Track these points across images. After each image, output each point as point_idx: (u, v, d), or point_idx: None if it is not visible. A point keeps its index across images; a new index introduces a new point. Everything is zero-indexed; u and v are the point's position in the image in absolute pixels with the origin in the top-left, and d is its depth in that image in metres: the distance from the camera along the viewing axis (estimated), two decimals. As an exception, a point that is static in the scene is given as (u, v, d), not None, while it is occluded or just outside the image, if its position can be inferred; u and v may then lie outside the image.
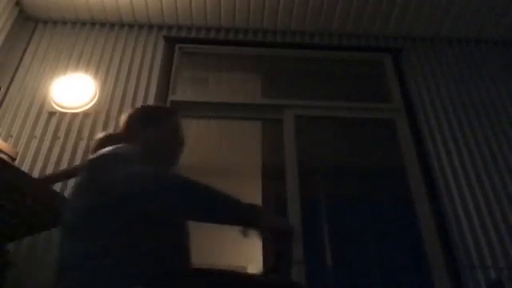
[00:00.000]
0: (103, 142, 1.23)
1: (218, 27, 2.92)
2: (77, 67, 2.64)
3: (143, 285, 0.89)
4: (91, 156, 1.12)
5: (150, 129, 1.28)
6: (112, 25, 2.87)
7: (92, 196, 1.02)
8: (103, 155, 1.08)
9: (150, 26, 2.89)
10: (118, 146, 1.12)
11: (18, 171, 1.56)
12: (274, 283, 1.07)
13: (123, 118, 1.34)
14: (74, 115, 2.44)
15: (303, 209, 2.17)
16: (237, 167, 3.48)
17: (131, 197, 0.95)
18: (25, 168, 2.19)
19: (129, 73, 2.64)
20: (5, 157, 1.94)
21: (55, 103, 2.44)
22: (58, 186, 2.11)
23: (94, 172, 1.06)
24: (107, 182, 0.99)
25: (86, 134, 2.37)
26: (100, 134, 1.35)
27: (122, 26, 2.88)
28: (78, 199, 1.05)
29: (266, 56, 2.93)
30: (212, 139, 3.18)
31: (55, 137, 2.35)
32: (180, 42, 2.84)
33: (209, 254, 2.09)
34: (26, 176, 1.58)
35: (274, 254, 1.08)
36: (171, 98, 2.57)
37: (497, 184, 2.36)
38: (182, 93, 2.67)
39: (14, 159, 2.09)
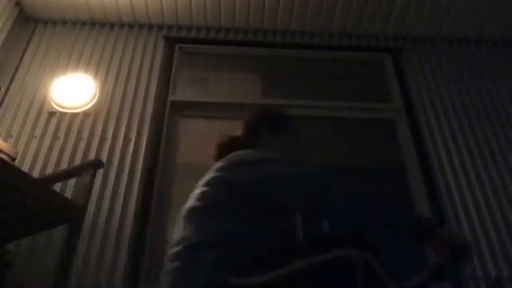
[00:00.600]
0: (226, 146, 1.28)
1: (218, 27, 2.92)
2: (77, 67, 2.64)
3: (235, 275, 0.90)
4: (225, 158, 1.16)
5: (270, 134, 1.34)
6: (112, 25, 2.87)
7: (228, 191, 1.06)
8: (245, 157, 1.13)
9: (150, 26, 2.89)
10: (250, 150, 1.18)
11: (18, 171, 1.56)
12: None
13: (243, 121, 1.40)
14: (74, 115, 2.44)
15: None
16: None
17: (292, 197, 1.02)
18: (25, 168, 2.19)
19: (129, 73, 2.64)
20: (5, 157, 1.94)
21: (55, 103, 2.44)
22: (58, 186, 2.11)
23: (237, 171, 1.09)
24: (249, 180, 1.05)
25: (86, 134, 2.37)
26: (222, 137, 1.37)
27: (121, 26, 2.88)
28: (209, 191, 1.08)
29: (265, 56, 2.93)
30: (212, 139, 3.17)
31: (55, 137, 2.35)
32: (180, 42, 2.84)
33: None
34: (26, 176, 1.58)
35: (437, 269, 1.03)
36: (171, 98, 2.57)
37: (497, 184, 2.36)
38: (182, 93, 2.67)
39: (14, 159, 2.09)
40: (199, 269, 0.93)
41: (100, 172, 2.09)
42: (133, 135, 2.38)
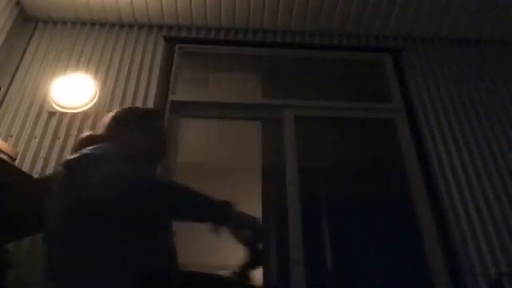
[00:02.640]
0: (84, 143, 1.22)
1: (218, 27, 2.92)
2: (77, 67, 2.64)
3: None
4: (69, 156, 1.12)
5: (128, 130, 1.29)
6: (112, 25, 2.87)
7: (70, 198, 1.02)
8: (81, 155, 1.07)
9: (150, 26, 2.89)
10: (96, 146, 1.12)
11: (18, 171, 1.56)
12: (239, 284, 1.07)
13: (104, 119, 1.35)
14: (74, 115, 2.43)
15: (303, 209, 2.17)
16: (237, 167, 3.48)
17: (104, 197, 0.94)
18: (25, 168, 2.19)
19: (129, 73, 2.64)
20: (5, 157, 1.94)
21: (55, 103, 2.43)
22: (58, 186, 2.11)
23: (70, 173, 1.06)
24: (83, 184, 0.98)
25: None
26: (82, 135, 1.34)
27: (121, 26, 2.88)
28: (57, 200, 1.06)
29: (265, 56, 2.93)
30: (212, 139, 3.18)
31: (55, 137, 2.35)
32: (180, 42, 2.84)
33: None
34: (26, 176, 1.58)
35: (247, 253, 1.07)
36: (171, 97, 2.57)
37: (497, 184, 2.36)
38: (182, 93, 2.67)
39: (14, 159, 2.09)
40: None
41: (100, 172, 2.09)
42: (133, 135, 2.37)
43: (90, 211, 0.98)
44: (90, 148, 1.10)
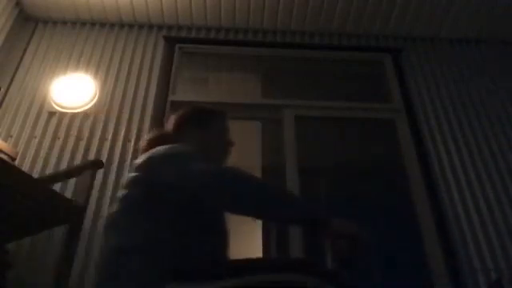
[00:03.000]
0: (154, 142, 1.24)
1: (218, 27, 2.92)
2: (77, 67, 2.64)
3: (175, 281, 0.89)
4: (145, 154, 1.13)
5: (199, 130, 1.31)
6: (112, 25, 2.87)
7: (141, 193, 1.04)
8: (158, 153, 1.09)
9: (150, 26, 2.89)
10: (171, 145, 1.13)
11: (18, 171, 1.56)
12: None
13: (173, 118, 1.36)
14: (74, 115, 2.44)
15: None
16: (237, 167, 3.48)
17: (199, 192, 0.98)
18: (25, 168, 2.19)
19: (129, 73, 2.64)
20: (5, 157, 1.94)
21: (55, 103, 2.43)
22: (57, 186, 2.11)
23: (148, 169, 1.07)
24: (162, 180, 1.01)
25: (85, 133, 2.37)
26: (150, 134, 1.35)
27: (121, 26, 2.88)
28: (127, 194, 1.06)
29: (265, 56, 2.93)
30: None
31: (55, 137, 2.35)
32: (180, 42, 2.84)
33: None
34: (26, 176, 1.58)
35: (338, 259, 1.05)
36: (171, 98, 2.57)
37: (497, 184, 2.36)
38: (182, 93, 2.67)
39: (14, 159, 2.09)
40: (125, 274, 0.91)
41: (100, 172, 2.09)
42: (133, 135, 2.38)
43: (159, 204, 1.01)
44: (164, 147, 1.12)
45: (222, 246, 1.12)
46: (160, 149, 1.11)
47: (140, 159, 1.12)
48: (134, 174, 1.08)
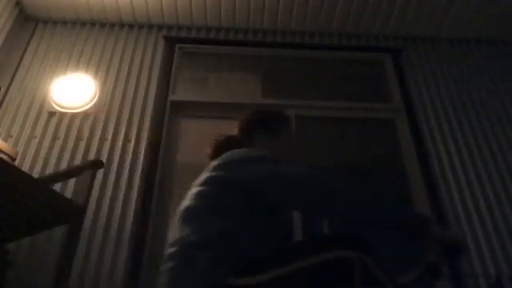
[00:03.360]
0: (223, 145, 1.28)
1: (218, 27, 2.92)
2: (77, 67, 2.64)
3: (232, 275, 0.90)
4: (223, 155, 1.15)
5: (268, 135, 1.33)
6: (112, 25, 2.88)
7: (223, 189, 1.06)
8: (239, 155, 1.13)
9: (150, 26, 2.89)
10: (247, 149, 1.18)
11: (18, 171, 1.56)
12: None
13: (239, 121, 1.40)
14: (74, 115, 2.44)
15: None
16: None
17: (288, 195, 1.02)
18: (25, 168, 2.19)
19: (129, 73, 2.64)
20: (5, 157, 1.94)
21: (55, 103, 2.44)
22: (58, 186, 2.11)
23: (229, 169, 1.09)
24: (245, 179, 1.05)
25: (85, 134, 2.37)
26: (219, 137, 1.38)
27: (121, 26, 2.88)
28: (203, 190, 1.08)
29: (265, 56, 2.93)
30: (212, 139, 3.17)
31: (55, 137, 2.35)
32: (180, 42, 2.84)
33: None
34: (26, 176, 1.58)
35: (434, 266, 1.06)
36: (171, 98, 2.57)
37: (497, 184, 2.36)
38: (182, 93, 2.67)
39: (14, 159, 2.09)
40: (195, 269, 0.93)
41: (100, 172, 2.10)
42: (133, 135, 2.38)
43: (232, 204, 1.04)
44: (241, 150, 1.16)
45: (289, 237, 1.16)
46: (238, 151, 1.15)
47: (215, 162, 1.14)
48: (211, 174, 1.11)
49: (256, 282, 0.87)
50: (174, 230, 1.06)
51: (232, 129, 1.45)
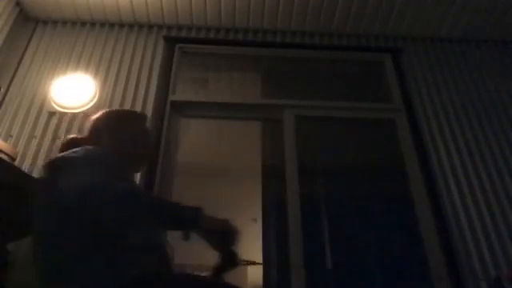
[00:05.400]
0: (68, 145, 1.22)
1: (218, 27, 2.92)
2: (77, 67, 2.64)
3: None
4: (52, 157, 1.11)
5: (115, 133, 1.27)
6: (112, 25, 2.87)
7: (48, 201, 1.02)
8: (58, 158, 1.08)
9: (150, 26, 2.89)
10: (77, 149, 1.10)
11: (18, 171, 1.56)
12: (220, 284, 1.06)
13: (88, 121, 1.34)
14: (74, 115, 2.44)
15: (303, 209, 2.17)
16: (237, 167, 3.48)
17: (79, 205, 0.94)
18: (25, 168, 2.19)
19: (129, 73, 2.64)
20: (5, 157, 1.94)
21: (55, 103, 2.44)
22: (57, 186, 2.11)
23: (49, 175, 1.06)
24: (59, 189, 0.97)
25: (85, 134, 2.36)
26: (67, 137, 1.33)
27: (121, 26, 2.88)
28: (40, 204, 1.06)
29: (265, 56, 2.93)
30: (212, 139, 3.18)
31: (55, 137, 2.35)
32: (180, 42, 2.84)
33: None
34: (26, 176, 1.58)
35: (220, 255, 1.07)
36: (171, 98, 2.57)
37: (497, 184, 2.36)
38: (182, 93, 2.67)
39: (14, 159, 2.09)
40: None
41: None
42: (133, 135, 2.37)
43: (67, 214, 0.97)
44: (72, 151, 1.09)
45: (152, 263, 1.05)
46: (59, 156, 1.09)
47: (47, 161, 1.10)
48: (40, 181, 1.08)
49: None
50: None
51: (232, 129, 1.44)
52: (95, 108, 2.45)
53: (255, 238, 2.54)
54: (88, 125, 1.32)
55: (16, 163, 2.13)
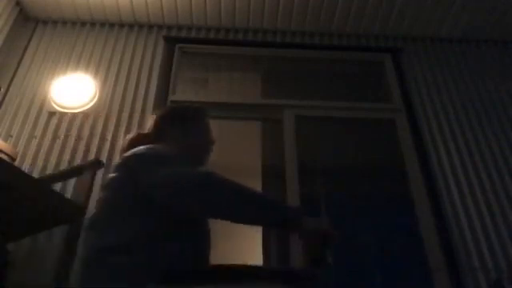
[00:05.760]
0: (134, 142, 1.24)
1: (218, 27, 2.92)
2: (77, 67, 2.64)
3: (155, 283, 0.88)
4: (125, 154, 1.13)
5: (179, 129, 1.29)
6: (112, 25, 2.87)
7: (124, 193, 1.03)
8: (139, 154, 1.09)
9: (150, 26, 2.89)
10: (152, 146, 1.13)
11: (18, 171, 1.56)
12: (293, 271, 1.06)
13: (153, 117, 1.36)
14: (74, 115, 2.44)
15: (303, 208, 2.16)
16: (237, 167, 3.47)
17: (169, 197, 0.97)
18: (25, 168, 2.19)
19: (129, 73, 2.64)
20: (5, 157, 1.94)
21: (55, 103, 2.44)
22: (58, 186, 2.11)
23: (129, 169, 1.06)
24: (144, 181, 1.00)
25: (86, 133, 2.37)
26: (131, 134, 1.35)
27: (121, 26, 2.88)
28: (109, 194, 1.06)
29: (265, 56, 2.93)
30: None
31: (55, 137, 2.35)
32: (180, 42, 2.84)
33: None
34: (25, 176, 1.58)
35: (311, 257, 1.04)
36: (171, 97, 2.57)
37: (497, 184, 2.36)
38: (182, 93, 2.67)
39: (14, 159, 2.09)
40: (107, 274, 0.91)
41: (100, 172, 2.09)
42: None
43: (139, 207, 1.00)
44: (145, 147, 1.11)
45: (204, 246, 1.12)
46: (140, 149, 1.10)
47: (120, 160, 1.12)
48: (113, 175, 1.08)
49: None
50: (84, 237, 1.05)
51: (232, 129, 1.44)
52: (95, 108, 2.45)
53: (255, 238, 2.54)
54: (153, 122, 1.33)
55: (16, 163, 2.13)
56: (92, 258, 0.97)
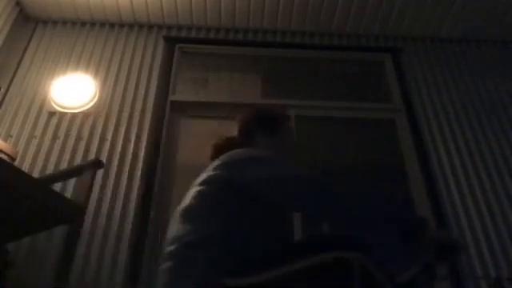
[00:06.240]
0: (223, 147, 1.28)
1: (218, 27, 2.92)
2: (77, 67, 2.64)
3: (228, 275, 0.89)
4: (224, 156, 1.15)
5: (267, 135, 1.32)
6: (112, 25, 2.87)
7: (223, 189, 1.06)
8: (244, 155, 1.13)
9: (150, 26, 2.89)
10: (248, 149, 1.18)
11: (18, 171, 1.56)
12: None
13: (238, 122, 1.39)
14: (74, 115, 2.44)
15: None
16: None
17: (282, 196, 1.02)
18: (25, 168, 2.19)
19: (129, 73, 2.64)
20: (5, 157, 1.94)
21: (55, 103, 2.44)
22: (58, 186, 2.11)
23: (231, 168, 1.09)
24: (248, 178, 1.04)
25: (85, 133, 2.37)
26: (219, 138, 1.38)
27: (121, 26, 2.88)
28: (207, 190, 1.08)
29: (265, 56, 2.93)
30: (212, 139, 3.17)
31: (55, 137, 2.35)
32: (180, 42, 2.84)
33: None
34: (26, 176, 1.58)
35: (431, 266, 1.05)
36: (171, 98, 2.57)
37: (497, 184, 2.36)
38: (182, 93, 2.67)
39: (14, 159, 2.09)
40: (193, 269, 0.92)
41: (100, 172, 2.09)
42: (133, 135, 2.38)
43: (232, 204, 1.04)
44: (243, 150, 1.16)
45: (288, 237, 1.17)
46: (238, 151, 1.15)
47: (216, 162, 1.14)
48: (211, 173, 1.10)
49: (253, 282, 0.86)
50: (173, 229, 1.06)
51: (232, 129, 1.44)
52: (95, 108, 2.45)
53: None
54: (238, 127, 1.37)
55: (16, 163, 2.13)
56: (176, 251, 0.98)
